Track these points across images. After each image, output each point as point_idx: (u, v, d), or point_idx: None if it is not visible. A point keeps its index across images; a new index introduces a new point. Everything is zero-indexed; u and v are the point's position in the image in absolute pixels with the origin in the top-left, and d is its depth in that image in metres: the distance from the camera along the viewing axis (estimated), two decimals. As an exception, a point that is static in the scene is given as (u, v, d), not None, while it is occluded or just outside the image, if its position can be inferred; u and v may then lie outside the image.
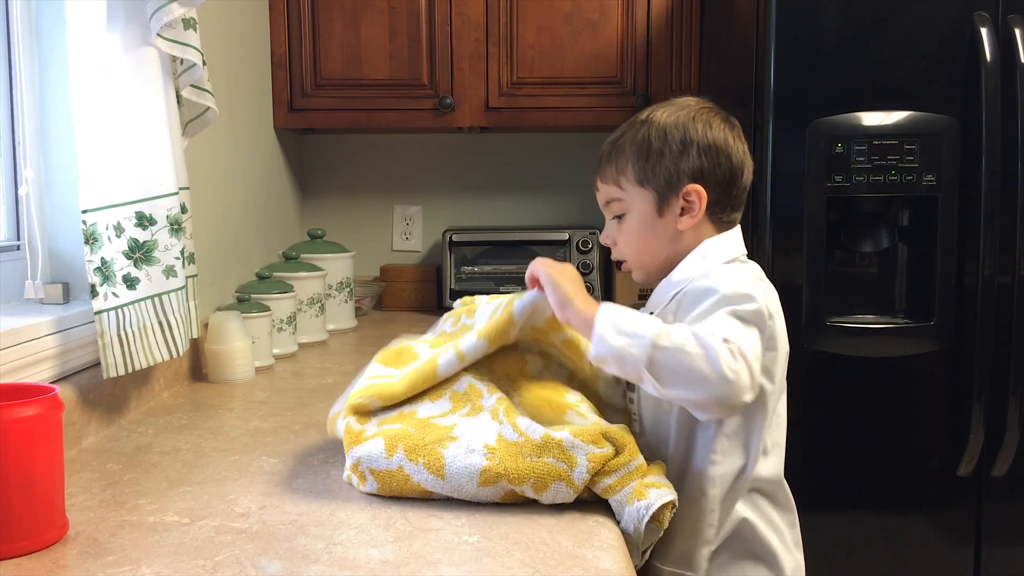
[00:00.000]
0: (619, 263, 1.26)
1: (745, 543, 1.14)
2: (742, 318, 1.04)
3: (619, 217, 1.21)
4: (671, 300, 1.15)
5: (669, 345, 0.99)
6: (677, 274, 1.17)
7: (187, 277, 1.48)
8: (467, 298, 1.28)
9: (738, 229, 1.21)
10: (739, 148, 1.18)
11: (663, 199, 1.16)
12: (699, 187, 1.15)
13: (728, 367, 0.97)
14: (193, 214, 1.58)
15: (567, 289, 1.09)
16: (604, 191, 1.23)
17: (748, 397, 1.00)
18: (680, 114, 1.18)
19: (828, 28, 1.86)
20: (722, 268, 1.14)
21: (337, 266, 2.27)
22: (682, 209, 1.16)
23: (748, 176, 1.20)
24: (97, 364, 1.34)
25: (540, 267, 1.13)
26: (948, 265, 1.85)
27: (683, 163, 1.15)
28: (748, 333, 1.03)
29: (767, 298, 1.09)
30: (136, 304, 1.36)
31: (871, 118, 1.83)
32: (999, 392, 1.85)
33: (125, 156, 1.35)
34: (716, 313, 1.04)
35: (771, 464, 1.16)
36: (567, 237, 2.47)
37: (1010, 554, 1.92)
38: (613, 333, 1.02)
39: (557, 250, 2.47)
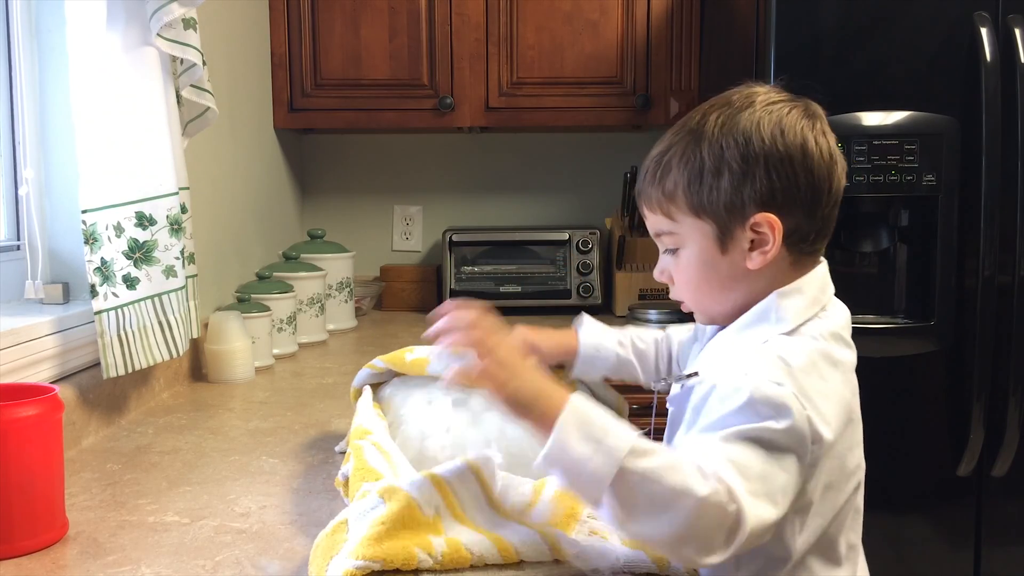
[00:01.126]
0: (680, 303, 1.01)
1: None
2: (766, 443, 0.78)
3: (673, 250, 0.97)
4: (704, 384, 0.87)
5: (646, 467, 0.73)
6: (742, 334, 0.93)
7: (187, 277, 1.48)
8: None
9: (823, 266, 0.97)
10: (823, 152, 0.91)
11: (725, 232, 0.91)
12: (771, 216, 0.89)
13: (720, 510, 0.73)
14: (193, 214, 1.58)
15: (521, 390, 0.78)
16: (652, 220, 0.98)
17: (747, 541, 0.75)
18: (740, 117, 0.92)
19: (828, 28, 1.85)
20: (776, 346, 0.87)
21: (337, 266, 2.27)
22: (751, 243, 0.91)
23: (839, 184, 0.93)
24: (97, 364, 1.34)
25: (471, 371, 0.80)
26: (948, 265, 1.85)
27: (747, 187, 0.89)
28: (770, 465, 0.77)
29: (821, 397, 0.82)
30: (136, 304, 1.36)
31: (871, 118, 1.83)
32: (999, 392, 1.85)
33: (125, 156, 1.36)
34: (729, 430, 0.78)
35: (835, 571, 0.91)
36: (567, 237, 2.47)
37: (1010, 554, 1.92)
38: (577, 437, 0.75)
39: (557, 250, 2.47)
